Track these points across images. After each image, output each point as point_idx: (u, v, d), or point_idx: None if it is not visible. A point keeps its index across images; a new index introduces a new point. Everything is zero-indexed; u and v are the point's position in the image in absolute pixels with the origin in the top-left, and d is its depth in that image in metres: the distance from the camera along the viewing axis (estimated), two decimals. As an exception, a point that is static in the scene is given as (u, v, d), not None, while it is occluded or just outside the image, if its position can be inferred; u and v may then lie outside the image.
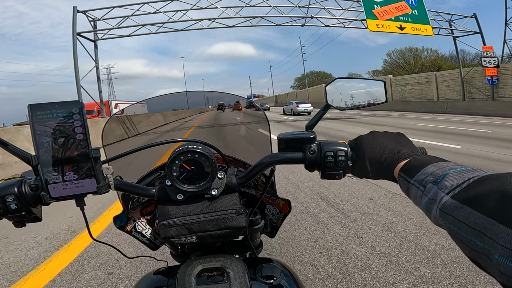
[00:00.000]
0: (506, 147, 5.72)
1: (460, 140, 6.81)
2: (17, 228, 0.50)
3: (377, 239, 2.25)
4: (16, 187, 0.47)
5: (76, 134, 0.43)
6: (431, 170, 0.38)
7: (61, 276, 1.96)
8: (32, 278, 1.96)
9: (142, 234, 0.78)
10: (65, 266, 2.08)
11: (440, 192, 0.34)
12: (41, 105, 0.43)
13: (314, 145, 0.55)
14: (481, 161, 4.70)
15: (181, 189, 0.55)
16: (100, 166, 0.46)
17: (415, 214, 2.64)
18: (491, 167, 4.29)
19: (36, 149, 0.43)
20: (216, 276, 0.53)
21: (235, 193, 0.60)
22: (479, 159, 4.82)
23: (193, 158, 0.55)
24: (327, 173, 0.54)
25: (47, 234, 2.67)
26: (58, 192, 0.44)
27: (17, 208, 0.46)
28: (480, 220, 0.27)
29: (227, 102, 1.38)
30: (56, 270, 2.04)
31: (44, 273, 2.01)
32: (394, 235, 2.30)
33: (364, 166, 0.50)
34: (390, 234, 2.33)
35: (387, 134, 0.53)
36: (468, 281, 1.69)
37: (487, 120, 11.70)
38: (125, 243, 2.36)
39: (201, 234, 0.56)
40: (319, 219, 2.70)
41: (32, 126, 0.42)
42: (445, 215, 0.32)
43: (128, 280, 1.88)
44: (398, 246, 2.13)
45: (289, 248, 2.21)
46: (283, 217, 0.78)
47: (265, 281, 0.58)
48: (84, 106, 0.44)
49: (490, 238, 0.26)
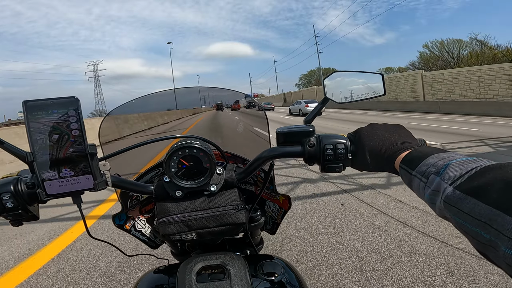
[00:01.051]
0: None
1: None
2: (14, 226, 0.49)
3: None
4: (12, 185, 0.46)
5: (72, 130, 0.43)
6: (433, 161, 0.37)
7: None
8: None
9: (141, 233, 0.78)
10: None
11: (443, 183, 0.33)
12: (36, 102, 0.42)
13: (313, 139, 0.54)
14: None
15: (179, 185, 0.55)
16: (97, 163, 0.45)
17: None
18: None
19: (31, 146, 0.42)
20: (216, 274, 0.53)
21: (234, 189, 0.59)
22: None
23: (191, 153, 0.55)
24: (327, 166, 0.53)
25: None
26: (54, 189, 0.43)
27: (14, 206, 0.46)
28: (485, 211, 0.27)
29: (225, 102, 1.32)
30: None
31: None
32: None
33: (364, 158, 0.50)
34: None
35: (386, 126, 0.52)
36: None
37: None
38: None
39: (200, 231, 0.56)
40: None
41: (27, 123, 0.42)
42: (449, 206, 0.31)
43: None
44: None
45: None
46: (283, 213, 0.78)
47: (266, 278, 0.58)
48: (79, 102, 0.44)
49: (496, 230, 0.25)
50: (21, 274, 2.07)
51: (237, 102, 1.17)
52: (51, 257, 2.28)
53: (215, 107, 1.26)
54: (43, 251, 2.41)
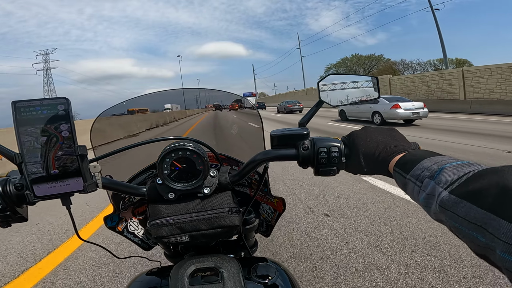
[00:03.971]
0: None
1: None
2: (3, 228, 0.48)
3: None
4: (0, 186, 0.45)
5: (62, 131, 0.42)
6: (426, 165, 0.37)
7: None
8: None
9: (134, 235, 0.77)
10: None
11: (438, 187, 0.33)
12: (25, 102, 0.41)
13: (307, 142, 0.54)
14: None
15: (172, 187, 0.54)
16: (87, 164, 0.44)
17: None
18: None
19: (20, 147, 0.41)
20: (209, 276, 0.52)
21: (228, 192, 0.59)
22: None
23: (185, 155, 0.54)
24: (321, 170, 0.53)
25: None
26: (42, 191, 0.42)
27: (2, 207, 0.45)
28: (480, 214, 0.27)
29: (220, 102, 1.32)
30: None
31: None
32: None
33: (358, 161, 0.50)
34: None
35: (380, 129, 0.52)
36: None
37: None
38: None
39: (193, 233, 0.55)
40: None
41: (15, 124, 0.41)
42: (444, 210, 0.31)
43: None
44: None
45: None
46: (277, 216, 0.77)
47: (260, 281, 0.57)
48: (70, 103, 0.43)
49: (491, 234, 0.26)
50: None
51: (235, 103, 1.19)
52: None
53: (209, 106, 1.26)
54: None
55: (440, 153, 0.40)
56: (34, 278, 1.99)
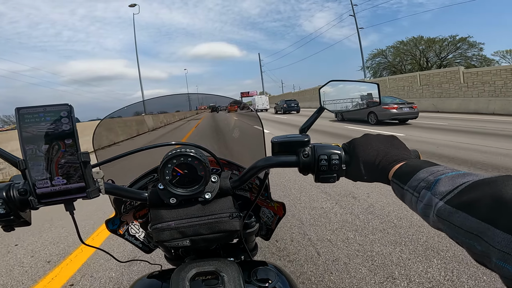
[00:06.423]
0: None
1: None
2: (6, 232, 0.49)
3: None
4: (4, 192, 0.46)
5: (64, 139, 0.42)
6: (423, 176, 0.38)
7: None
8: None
9: (135, 238, 0.78)
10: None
11: (434, 198, 0.34)
12: (28, 109, 0.42)
13: (308, 148, 0.54)
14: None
15: (174, 193, 0.55)
16: (90, 170, 0.45)
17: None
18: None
19: (23, 153, 0.42)
20: (210, 280, 0.53)
21: (228, 197, 0.59)
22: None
23: (186, 161, 0.55)
24: (321, 177, 0.53)
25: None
26: (46, 197, 0.43)
27: (5, 212, 0.46)
28: (475, 224, 0.28)
29: (215, 103, 1.30)
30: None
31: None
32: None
33: (358, 169, 0.50)
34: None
35: (380, 137, 0.53)
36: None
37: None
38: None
39: (194, 237, 0.56)
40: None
41: (19, 130, 0.41)
42: (441, 220, 0.32)
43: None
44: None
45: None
46: (278, 220, 0.78)
47: (260, 285, 0.58)
48: (73, 109, 0.43)
49: (486, 242, 0.26)
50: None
51: (234, 104, 1.19)
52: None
53: (202, 108, 1.25)
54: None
55: (438, 163, 0.41)
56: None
